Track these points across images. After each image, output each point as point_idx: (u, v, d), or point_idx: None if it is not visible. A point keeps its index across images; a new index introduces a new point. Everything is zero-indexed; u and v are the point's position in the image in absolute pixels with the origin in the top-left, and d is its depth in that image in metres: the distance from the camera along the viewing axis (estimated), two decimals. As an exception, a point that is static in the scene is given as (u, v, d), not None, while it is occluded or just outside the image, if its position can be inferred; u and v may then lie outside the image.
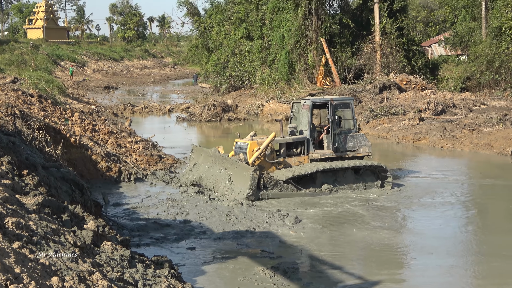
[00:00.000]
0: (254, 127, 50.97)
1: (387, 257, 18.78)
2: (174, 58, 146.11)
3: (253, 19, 70.53)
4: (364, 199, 25.47)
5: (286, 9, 63.77)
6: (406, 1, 66.70)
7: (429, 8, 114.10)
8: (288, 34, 62.46)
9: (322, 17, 61.76)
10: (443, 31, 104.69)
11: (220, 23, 77.44)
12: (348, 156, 27.39)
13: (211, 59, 76.98)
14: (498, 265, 18.14)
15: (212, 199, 24.72)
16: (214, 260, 17.68)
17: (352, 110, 27.72)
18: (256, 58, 68.96)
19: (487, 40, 62.42)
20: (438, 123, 44.24)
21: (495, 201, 26.10)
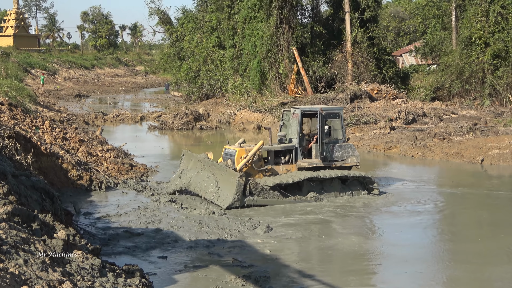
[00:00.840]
0: (226, 136, 50.90)
1: (357, 264, 18.86)
2: (145, 67, 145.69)
3: (225, 28, 70.60)
4: (338, 208, 25.51)
5: (258, 18, 63.86)
6: (377, 11, 67.11)
7: (400, 18, 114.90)
8: (259, 43, 62.55)
9: (294, 26, 61.93)
10: (414, 41, 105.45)
11: (192, 31, 77.45)
12: (335, 165, 27.45)
13: (183, 68, 76.89)
14: (465, 272, 18.27)
15: (184, 208, 24.66)
16: (185, 269, 17.62)
17: (341, 120, 27.80)
18: (228, 67, 68.99)
19: (457, 49, 62.96)
20: (409, 132, 44.49)
21: (465, 209, 26.26)
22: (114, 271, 12.24)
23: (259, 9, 63.48)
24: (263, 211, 24.94)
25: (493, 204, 27.43)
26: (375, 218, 24.53)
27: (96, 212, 24.09)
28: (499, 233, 22.63)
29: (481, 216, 25.48)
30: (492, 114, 51.58)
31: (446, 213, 25.70)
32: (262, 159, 27.19)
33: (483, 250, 20.42)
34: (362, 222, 23.74)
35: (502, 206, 27.15)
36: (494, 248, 20.68)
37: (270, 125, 51.60)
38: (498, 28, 57.03)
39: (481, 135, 43.15)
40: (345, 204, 26.21)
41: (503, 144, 38.81)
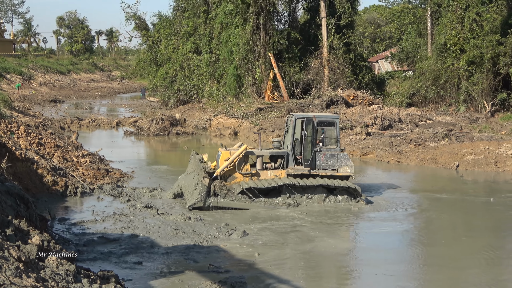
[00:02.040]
0: (202, 142, 50.91)
1: (333, 268, 18.95)
2: (122, 72, 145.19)
3: (202, 33, 70.57)
4: (315, 214, 25.53)
5: (234, 24, 63.90)
6: (353, 17, 67.28)
7: (376, 24, 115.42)
8: (236, 49, 62.57)
9: (270, 32, 61.97)
10: (390, 47, 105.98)
11: (168, 37, 77.33)
12: (326, 174, 27.21)
13: (159, 73, 76.75)
14: (439, 275, 18.38)
15: (160, 213, 24.59)
16: (161, 274, 17.58)
17: (337, 129, 27.52)
18: (204, 72, 68.95)
19: (432, 56, 63.32)
20: (385, 138, 44.66)
21: (442, 214, 26.37)
22: (89, 277, 12.18)
23: (236, 15, 63.52)
24: (239, 216, 24.95)
25: (470, 209, 27.57)
26: (351, 223, 24.59)
27: (72, 218, 23.96)
28: (475, 237, 22.79)
29: (457, 221, 25.62)
30: (467, 120, 51.90)
31: (423, 218, 25.84)
32: (248, 163, 27.36)
33: (458, 254, 20.59)
34: (338, 227, 23.78)
35: (478, 211, 27.31)
36: (469, 251, 20.87)
37: (246, 131, 51.71)
38: (473, 34, 57.43)
39: (456, 141, 43.39)
40: (323, 211, 26.21)
41: (478, 150, 39.06)
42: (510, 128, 47.97)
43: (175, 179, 32.76)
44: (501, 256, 20.78)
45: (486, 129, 47.76)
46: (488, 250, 21.13)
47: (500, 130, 48.16)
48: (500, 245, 22.44)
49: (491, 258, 20.33)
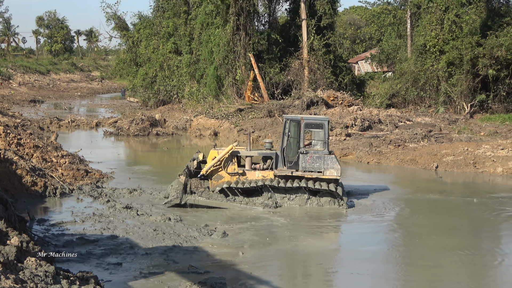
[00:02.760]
0: (182, 142, 50.84)
1: (312, 268, 19.00)
2: (101, 72, 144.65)
3: (182, 33, 70.48)
4: (296, 215, 25.57)
5: (214, 24, 63.86)
6: (333, 18, 67.34)
7: (356, 25, 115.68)
8: (216, 49, 62.53)
9: (251, 32, 61.97)
10: (370, 48, 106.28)
11: (148, 37, 77.14)
12: (311, 176, 27.01)
13: (139, 74, 76.54)
14: (419, 275, 18.49)
15: (140, 214, 24.54)
16: (141, 275, 17.53)
17: (325, 131, 27.24)
18: (184, 73, 68.86)
19: (412, 57, 63.60)
20: (365, 139, 44.78)
21: (422, 215, 26.46)
22: (68, 278, 12.14)
23: (216, 15, 63.48)
24: (219, 217, 24.97)
25: (449, 209, 27.67)
26: (332, 224, 24.63)
27: (51, 219, 23.86)
28: (453, 237, 22.93)
29: (436, 221, 25.70)
30: (446, 121, 52.13)
31: (403, 219, 25.92)
32: (235, 163, 27.60)
33: (436, 253, 20.68)
34: (318, 228, 23.81)
35: (458, 212, 27.43)
36: (447, 251, 20.99)
37: (226, 131, 51.70)
38: (453, 36, 57.71)
39: (436, 142, 43.58)
40: (303, 212, 26.25)
41: (457, 151, 39.25)
42: (489, 129, 48.25)
43: (155, 180, 32.79)
44: (477, 255, 20.93)
45: (465, 130, 48.01)
46: (465, 250, 21.29)
47: (479, 131, 48.41)
48: (477, 245, 22.60)
49: (468, 258, 20.48)
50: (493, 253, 21.36)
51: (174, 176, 27.82)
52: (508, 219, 26.15)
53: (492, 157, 37.80)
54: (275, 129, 49.90)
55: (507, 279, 18.92)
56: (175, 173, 29.58)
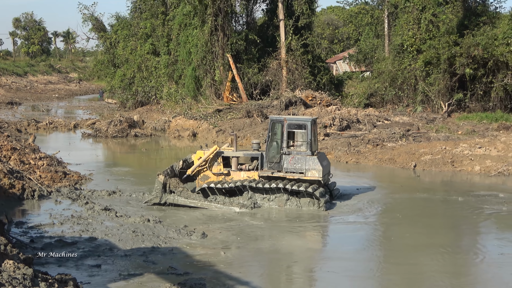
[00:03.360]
0: (161, 143, 50.76)
1: (291, 266, 19.03)
2: (79, 74, 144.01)
3: (160, 34, 70.27)
4: (275, 215, 25.59)
5: (192, 25, 63.74)
6: (311, 18, 67.39)
7: (334, 25, 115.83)
8: (194, 50, 62.44)
9: (229, 33, 61.93)
10: (348, 48, 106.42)
11: (126, 38, 76.83)
12: (293, 177, 26.85)
13: (117, 75, 76.21)
14: (397, 275, 18.58)
15: (119, 216, 24.47)
16: (120, 277, 17.50)
17: (308, 132, 26.98)
18: (162, 74, 68.66)
19: (390, 57, 63.77)
20: (343, 139, 44.87)
21: (401, 213, 26.55)
22: (47, 281, 12.09)
23: (194, 16, 63.36)
24: (198, 218, 24.96)
25: (429, 208, 27.77)
26: (310, 224, 24.65)
27: (29, 221, 23.77)
28: (433, 235, 23.07)
29: (418, 220, 25.79)
30: (424, 120, 52.34)
31: (382, 218, 26.02)
32: (220, 163, 27.79)
33: (416, 251, 20.82)
34: (297, 228, 23.87)
35: (438, 210, 27.54)
36: (427, 248, 21.13)
37: (205, 132, 51.67)
38: (430, 35, 57.96)
39: (414, 141, 43.74)
40: (282, 212, 26.23)
41: (435, 150, 39.43)
42: (466, 128, 48.49)
43: (134, 181, 32.72)
44: (458, 253, 21.08)
45: (443, 129, 48.22)
46: (446, 248, 21.50)
47: (457, 130, 48.65)
48: (458, 243, 22.75)
49: (449, 255, 20.63)
50: (474, 251, 21.53)
51: (153, 177, 27.80)
52: (488, 217, 26.29)
53: (470, 156, 38.00)
54: (253, 129, 49.92)
55: (487, 277, 19.04)
56: (154, 174, 29.52)
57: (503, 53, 53.83)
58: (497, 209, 27.46)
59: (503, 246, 22.03)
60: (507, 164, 36.46)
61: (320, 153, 27.97)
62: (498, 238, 23.42)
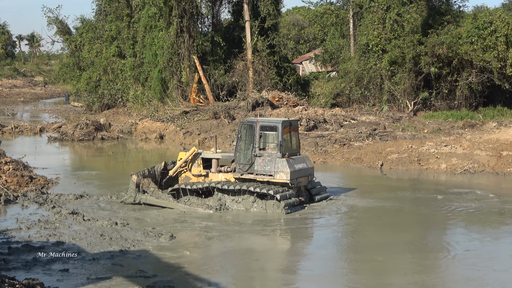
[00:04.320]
0: (128, 146, 50.60)
1: (260, 269, 19.05)
2: (45, 77, 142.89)
3: (125, 37, 69.96)
4: (243, 217, 25.59)
5: (158, 27, 63.57)
6: (277, 19, 67.51)
7: (300, 25, 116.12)
8: (160, 52, 62.28)
9: (194, 35, 61.86)
10: (314, 48, 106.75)
11: (91, 41, 76.42)
12: (263, 180, 26.51)
13: (82, 78, 75.75)
14: (363, 278, 18.71)
15: (86, 220, 24.33)
16: (88, 281, 17.41)
17: (279, 134, 26.47)
18: (128, 76, 68.36)
19: (355, 56, 64.07)
20: (310, 139, 45.01)
21: (368, 213, 26.70)
22: (14, 286, 12.02)
23: (159, 18, 63.22)
24: (167, 220, 24.93)
25: (398, 206, 27.93)
26: (276, 225, 24.70)
27: (-5, 226, 23.56)
28: (402, 232, 23.25)
29: (385, 218, 25.96)
30: (390, 120, 52.68)
31: (351, 218, 26.13)
32: (200, 165, 27.91)
33: (386, 248, 20.97)
34: (263, 229, 23.89)
35: (406, 208, 27.71)
36: (396, 245, 21.32)
37: (172, 134, 51.57)
38: (394, 35, 58.33)
39: (380, 140, 44.03)
40: (248, 214, 26.20)
41: (402, 148, 39.70)
42: (432, 127, 48.90)
43: (101, 184, 32.60)
44: (427, 250, 21.27)
45: (409, 128, 48.58)
46: (414, 244, 21.73)
47: (423, 128, 49.03)
48: (427, 240, 22.93)
49: (418, 253, 20.80)
50: (440, 248, 21.70)
51: (121, 180, 27.80)
52: (456, 214, 26.53)
53: (436, 154, 38.31)
54: (221, 130, 49.91)
55: (452, 273, 19.19)
56: (121, 177, 29.50)
57: (467, 52, 54.41)
58: (466, 206, 27.74)
59: (469, 242, 22.28)
60: (472, 161, 36.83)
61: (297, 156, 27.42)
62: (465, 234, 23.67)
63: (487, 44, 54.34)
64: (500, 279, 18.34)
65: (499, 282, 18.12)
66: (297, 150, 27.88)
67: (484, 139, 39.69)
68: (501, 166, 36.33)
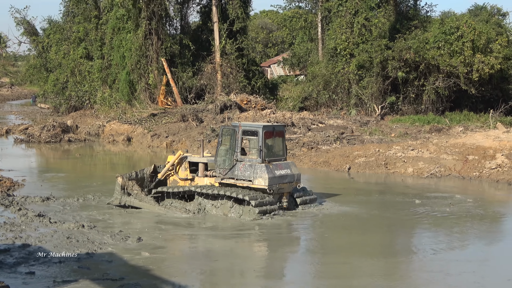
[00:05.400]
0: (95, 148, 50.36)
1: (226, 270, 19.07)
2: (11, 78, 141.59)
3: (93, 38, 69.61)
4: (217, 221, 25.48)
5: (126, 29, 63.32)
6: (246, 22, 67.58)
7: (268, 29, 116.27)
8: (128, 54, 62.05)
9: (163, 37, 61.75)
10: (282, 52, 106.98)
11: (58, 42, 75.91)
12: (243, 185, 26.06)
13: (50, 79, 75.24)
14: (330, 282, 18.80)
15: (53, 222, 24.15)
16: (54, 284, 17.29)
17: (259, 139, 25.90)
18: (96, 78, 68.01)
19: (323, 60, 64.27)
20: (278, 142, 44.98)
21: (337, 216, 26.77)
22: (-21, 289, 11.91)
23: (128, 20, 62.97)
24: (135, 222, 24.85)
25: (365, 209, 28.03)
26: (247, 229, 24.69)
27: (-40, 229, 23.31)
28: (369, 235, 23.37)
29: (351, 222, 26.04)
30: (358, 123, 52.91)
31: (316, 220, 26.19)
32: (187, 169, 27.81)
33: (352, 251, 21.07)
34: (233, 233, 23.89)
35: (374, 211, 27.83)
36: (363, 248, 21.40)
37: (139, 137, 51.39)
38: (362, 39, 58.59)
39: (348, 144, 44.20)
40: (222, 218, 25.98)
41: (369, 152, 39.90)
42: (399, 131, 49.18)
43: (68, 187, 32.40)
44: (389, 252, 21.40)
45: (376, 132, 48.82)
46: (383, 247, 21.92)
47: (390, 132, 49.30)
48: (392, 243, 23.09)
49: (382, 255, 20.94)
50: (407, 250, 21.87)
51: (88, 182, 27.69)
52: (422, 217, 26.74)
53: (403, 158, 38.56)
54: (189, 133, 49.85)
55: (417, 275, 19.32)
56: (88, 179, 29.36)
57: (434, 57, 54.95)
58: (440, 210, 27.96)
59: (436, 244, 22.46)
60: (439, 165, 37.12)
61: (280, 162, 26.83)
62: (431, 237, 23.87)
63: (453, 49, 54.93)
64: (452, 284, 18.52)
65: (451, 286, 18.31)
66: (282, 155, 27.30)
67: (450, 143, 39.99)
68: (467, 170, 36.64)
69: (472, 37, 54.62)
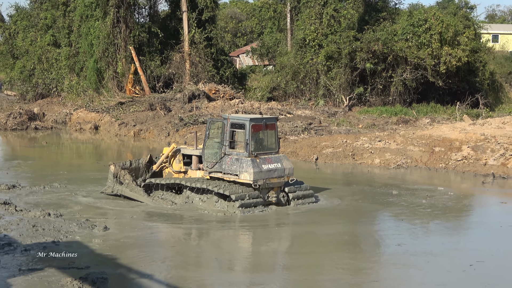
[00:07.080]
0: (62, 136, 50.05)
1: (193, 262, 19.09)
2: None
3: (61, 26, 69.00)
4: (193, 216, 25.31)
5: (94, 17, 62.84)
6: (215, 12, 67.44)
7: (237, 19, 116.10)
8: (96, 42, 61.65)
9: (131, 25, 61.45)
10: (251, 42, 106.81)
11: (25, 29, 75.19)
12: (229, 179, 25.59)
13: (16, 66, 74.50)
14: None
15: (18, 210, 23.97)
16: (20, 273, 17.19)
17: (246, 133, 25.29)
18: (63, 66, 67.47)
19: (292, 51, 64.32)
20: (246, 132, 45.01)
21: (307, 209, 26.85)
22: None
23: (96, 7, 62.48)
24: (103, 212, 24.76)
25: (330, 201, 28.14)
26: (220, 223, 24.68)
27: None
28: (334, 225, 23.49)
29: (320, 213, 26.13)
30: (326, 114, 53.08)
31: (284, 211, 26.25)
32: (181, 161, 27.58)
33: (319, 243, 21.17)
34: (207, 226, 23.88)
35: (340, 201, 27.96)
36: (327, 243, 21.50)
37: (107, 125, 51.14)
38: (331, 30, 58.72)
39: (316, 134, 44.34)
40: (201, 212, 25.72)
41: (336, 143, 40.06)
42: (366, 122, 49.45)
43: (34, 175, 32.17)
44: (355, 242, 21.52)
45: (344, 123, 49.03)
46: (345, 237, 22.05)
47: (357, 123, 49.57)
48: (358, 234, 23.22)
49: (351, 247, 21.06)
50: (373, 242, 22.02)
51: (54, 170, 27.52)
52: (387, 208, 26.93)
53: (370, 149, 38.77)
54: (156, 122, 49.73)
55: (383, 266, 19.47)
56: (54, 167, 29.12)
57: (402, 49, 55.27)
58: (416, 202, 28.14)
59: (400, 236, 22.64)
60: (405, 157, 37.38)
61: (271, 156, 26.21)
62: (395, 228, 24.07)
63: (421, 41, 55.29)
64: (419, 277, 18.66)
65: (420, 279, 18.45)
66: (273, 149, 26.70)
67: (417, 135, 40.29)
68: (434, 162, 36.96)
69: (440, 30, 54.99)
